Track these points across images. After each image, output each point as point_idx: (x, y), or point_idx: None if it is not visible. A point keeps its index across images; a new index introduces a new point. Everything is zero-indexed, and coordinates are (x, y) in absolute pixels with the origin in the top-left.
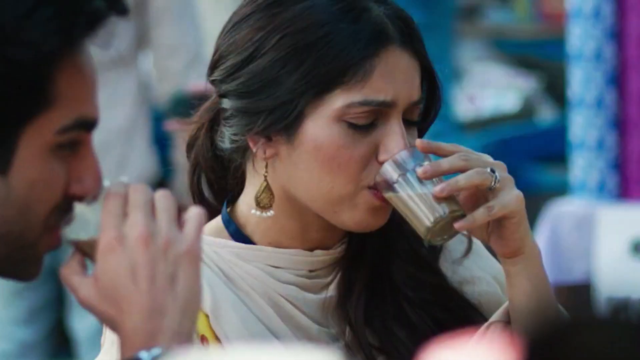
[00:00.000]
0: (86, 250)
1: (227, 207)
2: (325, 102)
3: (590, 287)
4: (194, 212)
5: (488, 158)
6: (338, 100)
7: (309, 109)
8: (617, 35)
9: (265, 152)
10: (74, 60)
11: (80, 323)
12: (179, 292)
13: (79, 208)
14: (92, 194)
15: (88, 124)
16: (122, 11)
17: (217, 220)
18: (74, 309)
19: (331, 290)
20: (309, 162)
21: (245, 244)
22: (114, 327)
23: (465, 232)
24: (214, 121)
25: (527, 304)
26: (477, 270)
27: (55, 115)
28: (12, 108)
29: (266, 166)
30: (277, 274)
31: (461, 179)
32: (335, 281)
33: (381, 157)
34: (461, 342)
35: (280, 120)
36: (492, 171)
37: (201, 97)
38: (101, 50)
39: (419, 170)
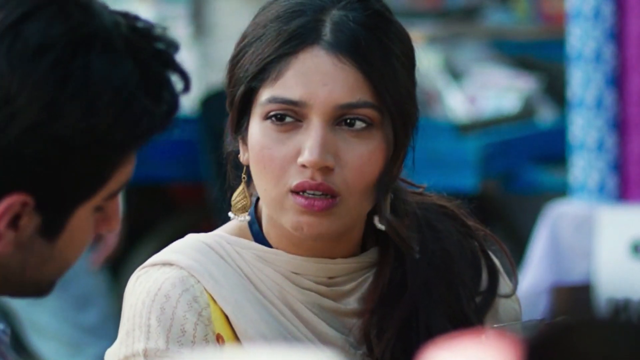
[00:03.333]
0: None
1: (255, 208)
2: (256, 101)
3: (590, 288)
4: None
5: None
6: (261, 98)
7: (252, 109)
8: (617, 36)
9: (244, 156)
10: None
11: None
12: None
13: None
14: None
15: (125, 185)
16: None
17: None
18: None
19: (353, 302)
20: (252, 164)
21: (265, 245)
22: None
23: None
24: None
25: None
26: None
27: (109, 186)
28: (80, 187)
29: (245, 170)
30: (296, 280)
31: None
32: (358, 294)
33: (298, 160)
34: (461, 343)
35: (233, 120)
36: None
37: None
38: None
39: None
